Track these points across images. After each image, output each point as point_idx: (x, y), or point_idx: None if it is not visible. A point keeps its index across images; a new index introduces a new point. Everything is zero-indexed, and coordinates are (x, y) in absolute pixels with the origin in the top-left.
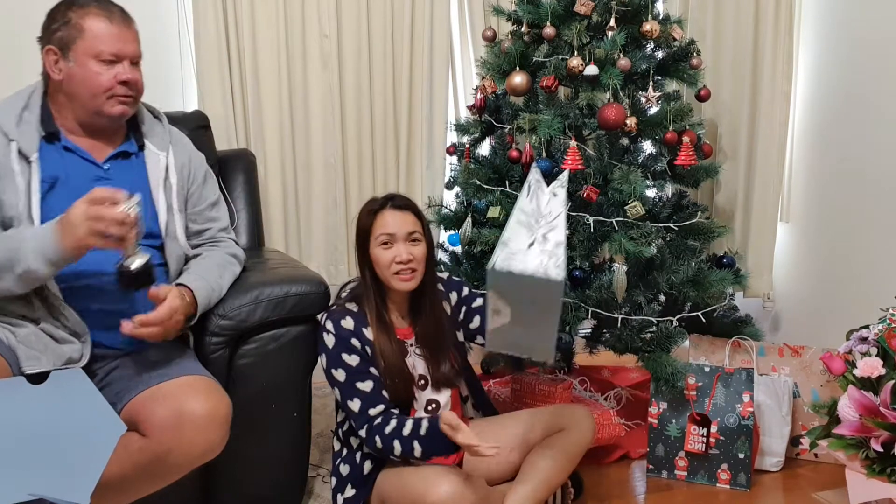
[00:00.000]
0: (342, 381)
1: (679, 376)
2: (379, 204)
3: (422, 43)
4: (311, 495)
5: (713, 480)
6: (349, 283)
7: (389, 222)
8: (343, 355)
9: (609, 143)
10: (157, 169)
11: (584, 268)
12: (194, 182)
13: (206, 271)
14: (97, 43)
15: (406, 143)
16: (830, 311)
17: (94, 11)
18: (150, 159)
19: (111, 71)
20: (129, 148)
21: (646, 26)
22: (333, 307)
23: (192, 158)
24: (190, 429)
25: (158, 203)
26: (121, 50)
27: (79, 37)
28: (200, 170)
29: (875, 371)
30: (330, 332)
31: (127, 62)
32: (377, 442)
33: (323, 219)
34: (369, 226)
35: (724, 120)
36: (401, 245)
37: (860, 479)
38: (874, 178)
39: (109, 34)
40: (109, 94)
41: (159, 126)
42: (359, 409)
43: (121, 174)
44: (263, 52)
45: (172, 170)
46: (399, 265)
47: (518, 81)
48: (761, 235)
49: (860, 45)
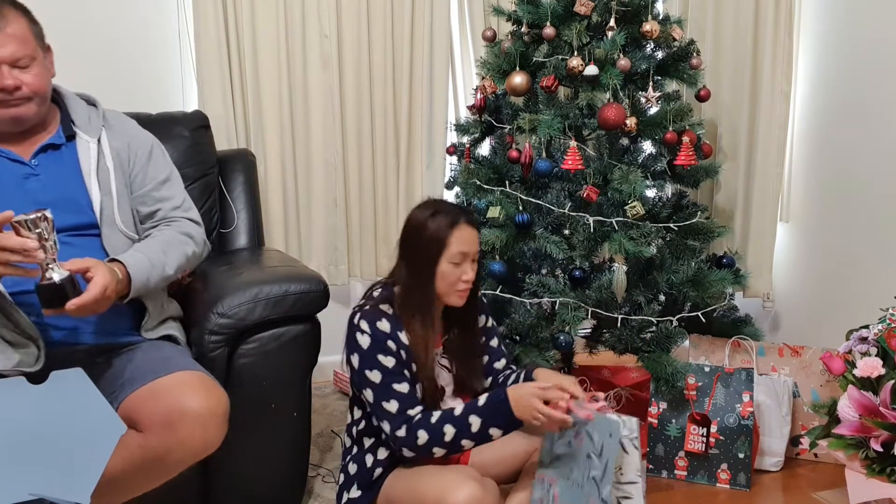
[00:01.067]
0: (377, 383)
1: (679, 376)
2: (453, 216)
3: (422, 43)
4: (311, 495)
5: (713, 480)
6: (379, 283)
7: (467, 240)
8: (379, 356)
9: (609, 143)
10: (88, 156)
11: (584, 268)
12: (136, 163)
13: (146, 247)
14: None
15: (406, 143)
16: (830, 311)
17: None
18: (80, 147)
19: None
20: (57, 139)
21: (646, 26)
22: (366, 307)
23: (133, 139)
24: (188, 425)
25: (91, 191)
26: None
27: None
28: (143, 149)
29: (875, 371)
30: (365, 332)
31: (5, 67)
32: (420, 437)
33: (323, 219)
34: (445, 239)
35: (723, 120)
36: (468, 264)
37: (860, 479)
38: (874, 178)
39: None
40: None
41: (93, 112)
42: (397, 410)
43: (50, 167)
44: (263, 52)
45: (107, 154)
46: (464, 283)
47: (518, 81)
48: (761, 235)
49: (860, 45)
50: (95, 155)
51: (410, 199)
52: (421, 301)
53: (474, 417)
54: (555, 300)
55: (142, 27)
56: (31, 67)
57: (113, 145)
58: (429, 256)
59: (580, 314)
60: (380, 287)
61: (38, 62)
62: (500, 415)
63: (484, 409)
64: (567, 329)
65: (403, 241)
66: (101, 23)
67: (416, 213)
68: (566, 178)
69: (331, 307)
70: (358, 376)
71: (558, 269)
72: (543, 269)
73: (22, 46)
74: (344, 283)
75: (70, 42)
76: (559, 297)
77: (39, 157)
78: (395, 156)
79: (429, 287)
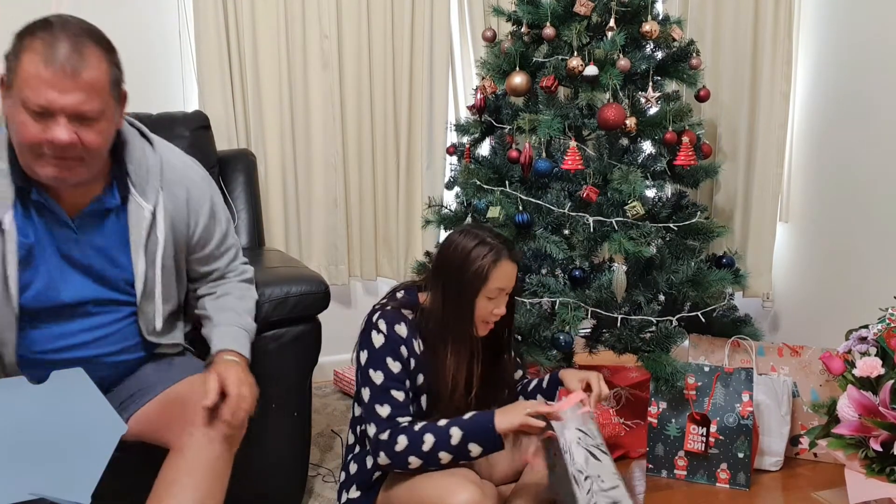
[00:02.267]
0: (377, 384)
1: (678, 376)
2: (496, 252)
3: (422, 43)
4: (311, 495)
5: (712, 480)
6: (404, 285)
7: (507, 277)
8: (388, 359)
9: (609, 144)
10: (139, 226)
11: (584, 268)
12: (197, 227)
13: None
14: (25, 87)
15: (406, 143)
16: (830, 311)
17: (36, 45)
18: (132, 212)
19: (38, 125)
20: (110, 202)
21: (645, 27)
22: (388, 307)
23: (193, 197)
24: None
25: (137, 265)
26: (52, 102)
27: (16, 76)
28: (204, 207)
29: (874, 371)
30: (381, 332)
31: (63, 118)
32: (400, 442)
33: (323, 219)
34: (489, 274)
35: (723, 120)
36: (502, 298)
37: (859, 479)
38: (873, 178)
39: (39, 79)
40: (36, 151)
41: (151, 159)
42: (387, 416)
43: (93, 232)
44: (264, 52)
45: (160, 224)
46: (495, 317)
47: (518, 82)
48: (760, 235)
49: (859, 45)
50: (148, 225)
51: (410, 199)
52: (460, 328)
53: (455, 430)
54: (555, 300)
55: (142, 27)
56: (96, 123)
57: (168, 209)
58: (469, 290)
59: (580, 314)
60: (404, 289)
61: (106, 116)
62: (481, 428)
63: (466, 422)
64: (567, 329)
65: (442, 263)
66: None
67: (459, 240)
68: (566, 178)
69: (331, 307)
70: (361, 373)
71: (558, 269)
72: (543, 268)
73: (92, 98)
74: (344, 283)
75: None
76: (559, 297)
77: (82, 218)
78: (395, 156)
79: (468, 317)
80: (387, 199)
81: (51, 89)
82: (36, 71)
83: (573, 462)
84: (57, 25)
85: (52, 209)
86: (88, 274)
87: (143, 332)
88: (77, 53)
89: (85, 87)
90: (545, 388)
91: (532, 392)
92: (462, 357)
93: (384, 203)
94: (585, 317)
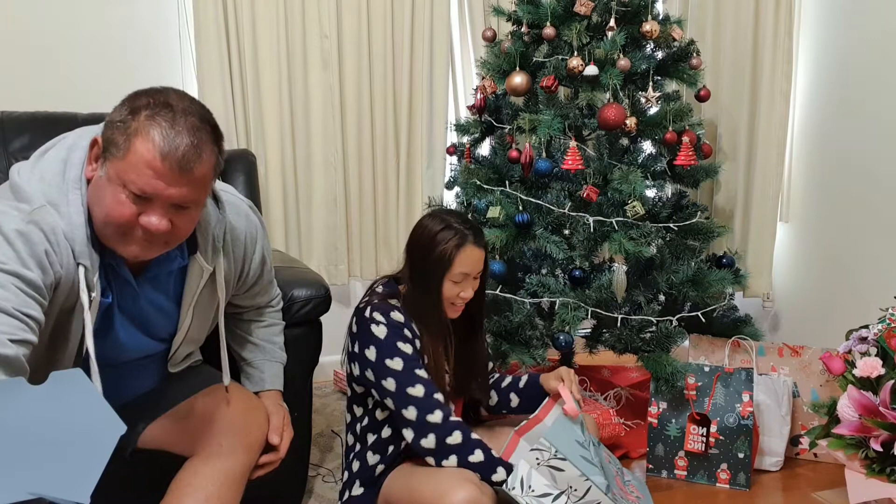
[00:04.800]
0: (400, 370)
1: (679, 376)
2: (460, 236)
3: (422, 43)
4: (311, 495)
5: (713, 480)
6: (381, 280)
7: (470, 262)
8: (398, 344)
9: (609, 143)
10: (196, 284)
11: (584, 268)
12: (249, 277)
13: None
14: (131, 170)
15: (406, 143)
16: (830, 311)
17: (154, 134)
18: (192, 272)
19: (135, 207)
20: (178, 263)
21: (646, 26)
22: (374, 301)
23: (248, 253)
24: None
25: (183, 321)
26: (160, 191)
27: (122, 154)
28: (257, 259)
29: (874, 371)
30: (381, 322)
31: (162, 205)
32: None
33: (323, 219)
34: (452, 260)
35: (723, 120)
36: (468, 282)
37: (860, 479)
38: (873, 178)
39: (152, 169)
40: (124, 231)
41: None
42: (424, 394)
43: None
44: (263, 52)
45: (219, 284)
46: (461, 300)
47: (518, 81)
48: (761, 235)
49: (859, 45)
50: (203, 283)
51: (410, 199)
52: (429, 311)
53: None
54: (555, 300)
55: (142, 27)
56: (190, 211)
57: (225, 270)
58: (434, 273)
59: (580, 314)
60: (382, 283)
61: (200, 204)
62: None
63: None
64: (567, 329)
65: (411, 247)
66: (101, 23)
67: (427, 223)
68: (566, 178)
69: (331, 307)
70: (376, 369)
71: (558, 269)
72: (543, 268)
73: (196, 191)
74: (344, 283)
75: (70, 42)
76: (559, 297)
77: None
78: (395, 156)
79: (436, 300)
80: (387, 199)
81: (160, 180)
82: (151, 159)
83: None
84: (178, 111)
85: (121, 271)
86: (140, 327)
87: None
88: (194, 150)
89: (193, 182)
90: (522, 388)
91: (506, 389)
92: (436, 339)
93: (384, 203)
94: (585, 317)
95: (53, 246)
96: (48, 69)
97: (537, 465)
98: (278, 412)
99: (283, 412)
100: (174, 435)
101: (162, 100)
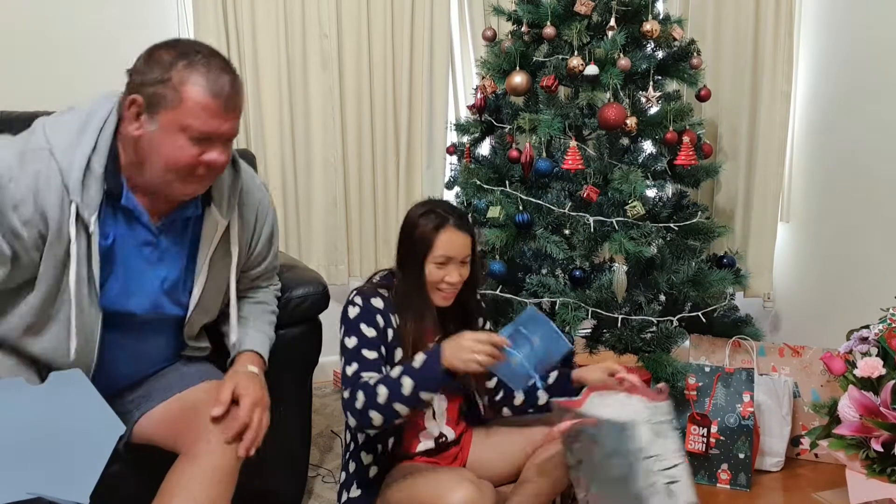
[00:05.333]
0: (350, 348)
1: (679, 376)
2: (440, 219)
3: (422, 43)
4: (311, 495)
5: (713, 480)
6: (381, 271)
7: (452, 245)
8: (362, 325)
9: (609, 143)
10: (211, 237)
11: (585, 268)
12: (257, 245)
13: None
14: (191, 118)
15: (406, 143)
16: (830, 311)
17: (200, 81)
18: (207, 226)
19: (197, 148)
20: (193, 212)
21: (646, 26)
22: (364, 287)
23: (260, 217)
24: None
25: (198, 276)
26: (217, 129)
27: (174, 104)
28: (267, 228)
29: (875, 371)
30: (357, 304)
31: (220, 139)
32: (358, 398)
33: (323, 219)
34: (431, 242)
35: (724, 120)
36: (453, 267)
37: (860, 479)
38: (874, 178)
39: (207, 110)
40: (187, 172)
41: (234, 181)
42: (352, 373)
43: (169, 239)
44: (263, 52)
45: (234, 240)
46: (446, 285)
47: (518, 81)
48: (761, 235)
49: (860, 45)
50: (219, 238)
51: (410, 199)
52: (414, 297)
53: (406, 379)
54: (555, 300)
55: (141, 27)
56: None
57: (238, 227)
58: (416, 256)
59: (580, 314)
60: (380, 275)
61: None
62: (430, 371)
63: (417, 369)
64: (567, 329)
65: (400, 235)
66: (101, 23)
67: (411, 211)
68: (566, 177)
69: (331, 307)
70: (341, 347)
71: (558, 269)
72: (543, 268)
73: (238, 122)
74: (344, 283)
75: (69, 42)
76: (559, 297)
77: (167, 223)
78: (395, 156)
79: (419, 284)
80: (387, 199)
81: (216, 118)
82: (206, 103)
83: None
84: (204, 55)
85: (139, 216)
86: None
87: (185, 338)
88: (234, 85)
89: (239, 113)
90: (551, 384)
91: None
92: (421, 324)
93: (384, 203)
94: (586, 317)
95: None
96: (48, 69)
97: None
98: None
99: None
100: (164, 430)
101: (183, 49)
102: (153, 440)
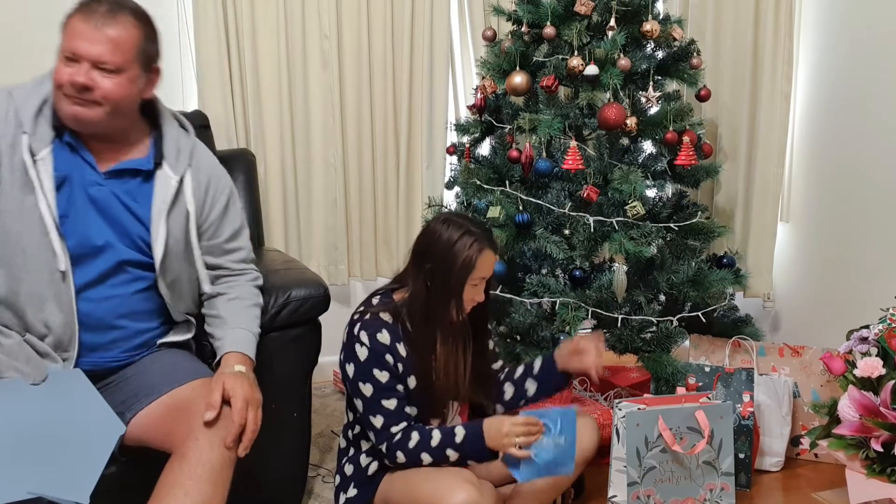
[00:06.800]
0: (368, 396)
1: (679, 376)
2: (479, 240)
3: (422, 43)
4: (311, 495)
5: None
6: (379, 291)
7: (490, 266)
8: (374, 371)
9: (609, 143)
10: (164, 194)
11: (585, 268)
12: (213, 211)
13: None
14: (65, 39)
15: (406, 143)
16: (830, 311)
17: (82, 8)
18: (159, 181)
19: (67, 68)
20: (144, 164)
21: (646, 26)
22: (366, 315)
23: (215, 182)
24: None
25: (157, 235)
26: (78, 48)
27: (62, 33)
28: (222, 196)
29: (875, 371)
30: (364, 344)
31: (87, 64)
32: (399, 457)
33: (323, 219)
34: (473, 264)
35: (724, 120)
36: (481, 286)
37: (860, 479)
38: (874, 179)
39: (75, 31)
40: (63, 91)
41: (183, 141)
42: (381, 426)
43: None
44: (263, 51)
45: (188, 197)
46: (472, 303)
47: (518, 81)
48: (761, 235)
49: (860, 45)
50: (172, 195)
51: (410, 198)
52: (448, 315)
53: (451, 451)
54: (555, 300)
55: None
56: (114, 76)
57: (191, 186)
58: (458, 279)
59: (580, 314)
60: (379, 295)
61: (125, 75)
62: (475, 452)
63: (461, 446)
64: (567, 329)
65: (425, 253)
66: None
67: (440, 229)
68: (566, 177)
69: (331, 308)
70: (351, 385)
71: (558, 269)
72: (544, 269)
73: (113, 52)
74: (344, 283)
75: None
76: (559, 297)
77: (115, 177)
78: (395, 156)
79: (458, 304)
80: (387, 199)
81: (81, 40)
82: (74, 24)
83: None
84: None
85: (82, 154)
86: (111, 222)
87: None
88: (111, 15)
89: (109, 42)
90: (537, 372)
91: (520, 379)
92: (454, 345)
93: (384, 203)
94: (586, 317)
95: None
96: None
97: None
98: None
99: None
100: (155, 431)
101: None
102: (146, 441)
